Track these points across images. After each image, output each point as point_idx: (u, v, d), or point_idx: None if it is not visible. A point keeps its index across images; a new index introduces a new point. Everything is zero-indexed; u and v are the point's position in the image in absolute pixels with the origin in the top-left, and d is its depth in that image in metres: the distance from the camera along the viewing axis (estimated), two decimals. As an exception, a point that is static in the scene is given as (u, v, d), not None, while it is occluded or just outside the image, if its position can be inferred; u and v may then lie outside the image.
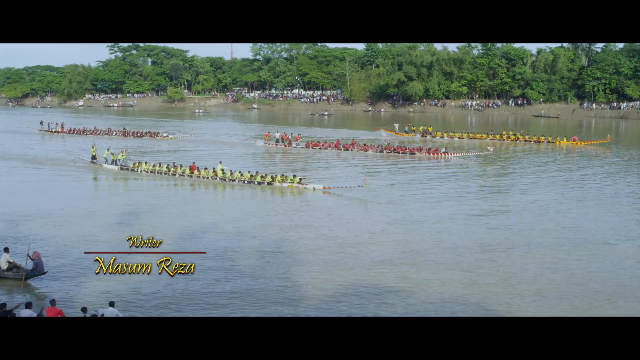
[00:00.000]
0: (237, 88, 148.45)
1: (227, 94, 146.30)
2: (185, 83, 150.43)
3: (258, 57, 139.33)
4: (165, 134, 64.22)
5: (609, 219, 26.98)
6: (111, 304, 15.20)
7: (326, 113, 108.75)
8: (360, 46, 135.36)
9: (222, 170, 37.00)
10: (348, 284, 18.25)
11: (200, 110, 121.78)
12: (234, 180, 36.06)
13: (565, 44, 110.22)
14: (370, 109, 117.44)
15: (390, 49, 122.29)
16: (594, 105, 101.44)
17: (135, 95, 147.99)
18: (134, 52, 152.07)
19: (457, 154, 48.29)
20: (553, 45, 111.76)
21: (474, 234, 24.17)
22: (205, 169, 37.73)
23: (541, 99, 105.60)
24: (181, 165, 38.91)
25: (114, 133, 65.93)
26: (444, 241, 23.07)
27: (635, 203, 31.35)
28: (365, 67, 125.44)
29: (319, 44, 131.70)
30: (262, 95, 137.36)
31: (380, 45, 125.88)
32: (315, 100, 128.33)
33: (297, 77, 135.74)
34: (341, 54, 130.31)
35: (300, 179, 34.55)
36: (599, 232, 24.63)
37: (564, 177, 39.34)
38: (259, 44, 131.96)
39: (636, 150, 54.61)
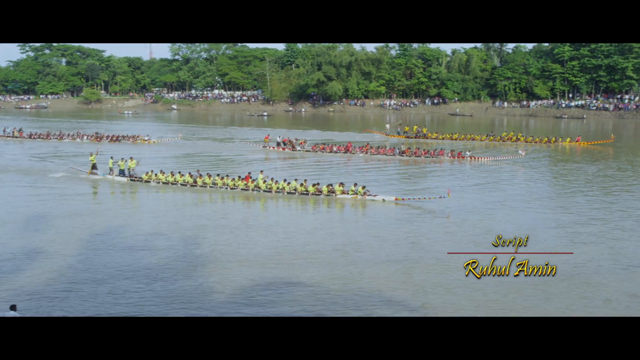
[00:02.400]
0: (156, 89, 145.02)
1: (145, 94, 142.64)
2: (102, 84, 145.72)
3: (177, 57, 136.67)
4: (146, 138, 58.59)
5: None
6: (12, 308, 14.18)
7: (265, 114, 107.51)
8: (280, 46, 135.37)
9: (264, 180, 32.13)
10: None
11: (130, 112, 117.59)
12: (279, 192, 31.10)
13: (478, 45, 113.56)
14: (290, 109, 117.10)
15: (310, 49, 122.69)
16: (505, 103, 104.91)
17: (49, 96, 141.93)
18: (47, 51, 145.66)
19: (488, 158, 44.81)
20: (467, 46, 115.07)
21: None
22: (237, 178, 32.79)
23: (456, 98, 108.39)
24: (209, 175, 33.55)
25: (85, 137, 59.79)
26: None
27: None
28: (285, 67, 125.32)
29: (239, 44, 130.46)
30: (181, 96, 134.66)
31: (299, 45, 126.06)
32: (235, 101, 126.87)
33: (217, 78, 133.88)
34: (261, 54, 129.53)
35: (364, 189, 29.81)
36: None
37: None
38: (178, 44, 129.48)
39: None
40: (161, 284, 17.74)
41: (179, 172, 34.72)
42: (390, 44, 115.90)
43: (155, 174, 34.91)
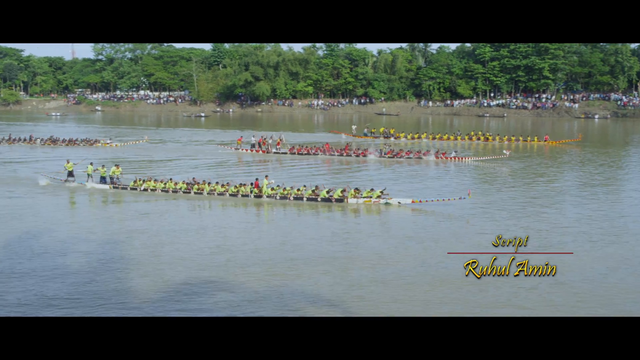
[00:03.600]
0: (79, 90, 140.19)
1: (68, 95, 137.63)
2: (21, 84, 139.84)
3: (100, 57, 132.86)
4: (108, 141, 55.10)
5: None
6: None
7: (203, 115, 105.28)
8: (207, 46, 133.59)
9: (269, 185, 29.40)
10: None
11: (58, 113, 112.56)
12: (287, 198, 28.60)
13: (403, 45, 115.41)
14: (218, 109, 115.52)
15: (237, 49, 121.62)
16: (430, 103, 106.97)
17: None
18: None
19: (473, 159, 43.92)
20: (393, 46, 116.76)
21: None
22: (248, 184, 30.21)
23: (382, 98, 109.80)
24: (209, 183, 30.75)
25: (38, 141, 55.51)
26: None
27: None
28: (212, 68, 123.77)
29: (165, 44, 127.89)
30: (106, 97, 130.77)
31: (227, 45, 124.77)
32: (162, 102, 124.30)
33: (142, 78, 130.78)
34: (188, 54, 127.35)
35: (382, 192, 27.76)
36: None
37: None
38: (101, 43, 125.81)
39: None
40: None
41: (170, 179, 31.68)
42: (318, 44, 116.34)
43: (143, 181, 31.67)
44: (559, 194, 31.61)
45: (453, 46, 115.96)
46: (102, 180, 33.12)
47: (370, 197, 27.52)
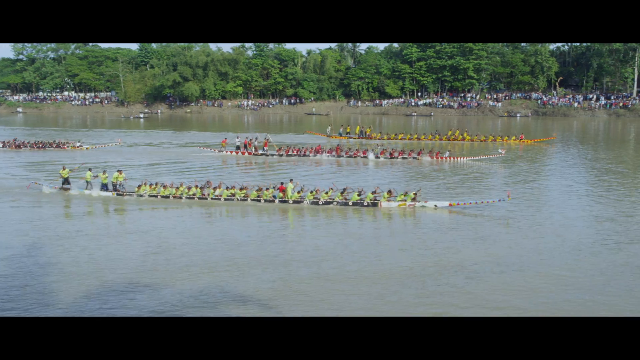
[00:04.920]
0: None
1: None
2: None
3: (21, 56, 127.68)
4: (78, 144, 51.70)
5: None
6: None
7: (142, 115, 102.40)
8: (134, 46, 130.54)
9: (295, 189, 27.50)
10: None
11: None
12: (318, 203, 26.40)
13: (332, 45, 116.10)
14: (146, 110, 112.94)
15: (164, 49, 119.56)
16: (359, 102, 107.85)
17: None
18: None
19: (468, 158, 42.85)
20: (322, 46, 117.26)
21: None
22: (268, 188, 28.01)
23: (312, 98, 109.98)
24: (227, 187, 28.36)
25: (0, 145, 51.59)
26: None
27: None
28: (139, 68, 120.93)
29: (90, 44, 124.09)
30: (27, 98, 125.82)
31: (154, 45, 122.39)
32: (87, 103, 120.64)
33: (66, 79, 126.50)
34: (113, 54, 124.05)
35: (415, 194, 26.23)
36: None
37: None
38: (22, 43, 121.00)
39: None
40: None
41: (181, 184, 28.94)
42: (247, 45, 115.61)
43: (150, 185, 29.16)
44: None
45: (381, 46, 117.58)
46: (104, 187, 30.04)
47: (405, 200, 25.87)
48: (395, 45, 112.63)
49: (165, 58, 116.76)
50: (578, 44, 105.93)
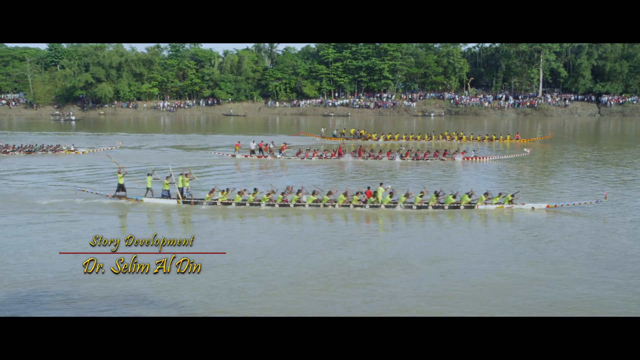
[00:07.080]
0: None
1: None
2: None
3: None
4: (72, 148, 48.06)
5: None
6: None
7: (73, 118, 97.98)
8: (43, 46, 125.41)
9: (385, 192, 25.98)
10: None
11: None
12: (411, 207, 25.09)
13: (249, 46, 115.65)
14: (57, 112, 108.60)
15: (75, 49, 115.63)
16: (277, 103, 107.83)
17: None
18: None
19: (493, 157, 42.40)
20: (239, 47, 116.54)
21: None
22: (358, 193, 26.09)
23: (230, 99, 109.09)
24: (310, 192, 26.38)
25: None
26: None
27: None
28: (49, 69, 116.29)
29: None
30: None
31: (64, 45, 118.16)
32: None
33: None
34: (21, 54, 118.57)
35: (512, 196, 25.23)
36: None
37: None
38: None
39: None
40: None
41: (255, 189, 26.50)
42: (162, 45, 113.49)
43: (222, 191, 26.55)
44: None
45: (298, 47, 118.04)
46: (165, 193, 27.03)
47: (501, 202, 25.10)
48: (312, 46, 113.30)
49: (76, 58, 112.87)
50: (488, 44, 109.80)
